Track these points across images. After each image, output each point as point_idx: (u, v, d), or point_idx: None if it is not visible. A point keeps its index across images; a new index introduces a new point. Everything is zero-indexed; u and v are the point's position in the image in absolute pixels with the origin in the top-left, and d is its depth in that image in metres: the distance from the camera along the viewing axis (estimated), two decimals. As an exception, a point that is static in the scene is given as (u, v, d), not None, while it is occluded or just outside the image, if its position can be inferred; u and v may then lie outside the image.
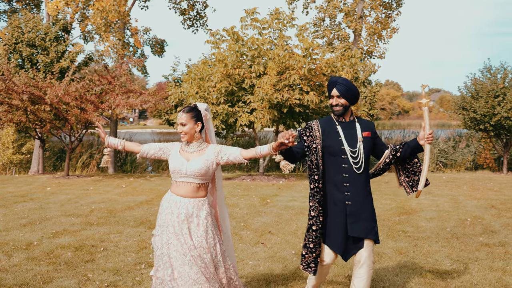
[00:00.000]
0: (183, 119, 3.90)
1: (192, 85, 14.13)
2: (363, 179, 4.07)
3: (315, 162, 4.06)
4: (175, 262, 3.74)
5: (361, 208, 4.03)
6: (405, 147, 4.16)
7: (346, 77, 13.65)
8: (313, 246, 4.05)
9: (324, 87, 14.16)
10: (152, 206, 9.73)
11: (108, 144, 4.11)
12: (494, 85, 17.47)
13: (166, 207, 3.93)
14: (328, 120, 4.20)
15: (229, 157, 3.96)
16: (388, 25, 21.77)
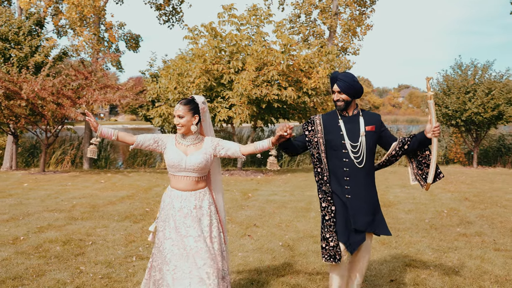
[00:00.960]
0: (180, 111, 3.86)
1: (170, 81, 14.15)
2: (364, 173, 4.06)
3: (316, 156, 4.10)
4: (172, 256, 3.72)
5: (361, 202, 4.02)
6: (413, 140, 4.10)
7: (323, 73, 13.92)
8: (330, 235, 4.04)
9: (301, 83, 14.35)
10: (134, 201, 9.75)
11: (101, 133, 3.87)
12: (465, 82, 17.95)
13: (168, 202, 3.91)
14: (331, 114, 4.20)
15: (227, 152, 3.96)
16: (362, 22, 22.10)
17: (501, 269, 5.46)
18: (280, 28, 15.02)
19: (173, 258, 3.73)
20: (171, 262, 3.73)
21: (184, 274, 3.66)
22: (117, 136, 3.90)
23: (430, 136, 4.01)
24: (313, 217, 8.27)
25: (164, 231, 3.85)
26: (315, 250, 6.18)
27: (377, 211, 4.11)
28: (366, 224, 4.02)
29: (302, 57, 14.16)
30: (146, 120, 18.27)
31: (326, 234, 4.06)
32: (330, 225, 4.03)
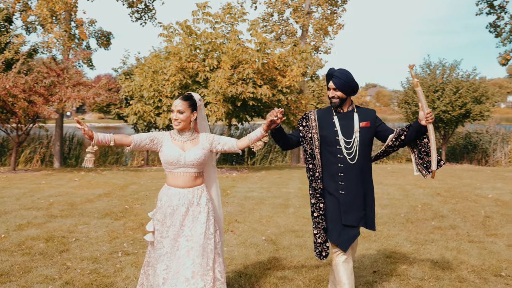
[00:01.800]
0: (180, 106, 3.83)
1: (145, 78, 14.10)
2: (358, 169, 4.06)
3: (309, 152, 4.12)
4: (165, 256, 3.74)
5: (354, 197, 4.04)
6: (409, 130, 4.04)
7: (297, 72, 14.10)
8: (317, 232, 4.10)
9: (276, 81, 14.50)
10: (112, 198, 9.73)
11: (97, 141, 3.72)
12: (433, 81, 18.42)
13: (165, 201, 3.85)
14: (326, 110, 4.21)
15: (223, 146, 3.98)
16: (334, 21, 22.38)
17: (477, 259, 5.71)
18: (255, 26, 15.13)
19: (166, 258, 3.75)
20: (163, 262, 3.75)
21: (173, 274, 3.70)
22: (114, 141, 3.78)
23: (424, 123, 3.93)
24: (292, 212, 8.42)
25: (162, 230, 3.82)
26: (298, 244, 6.33)
27: (368, 206, 4.13)
28: (358, 219, 4.04)
29: (276, 55, 14.31)
30: (119, 118, 18.14)
31: (314, 230, 4.14)
32: (319, 222, 4.10)
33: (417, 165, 4.21)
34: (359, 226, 4.08)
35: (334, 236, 4.02)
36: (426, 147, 4.10)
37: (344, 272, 3.99)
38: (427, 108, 3.93)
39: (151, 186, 11.61)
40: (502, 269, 5.36)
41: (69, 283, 4.87)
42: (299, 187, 11.52)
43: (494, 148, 21.40)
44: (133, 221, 7.64)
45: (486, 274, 5.20)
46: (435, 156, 4.01)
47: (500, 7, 23.73)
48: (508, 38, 23.32)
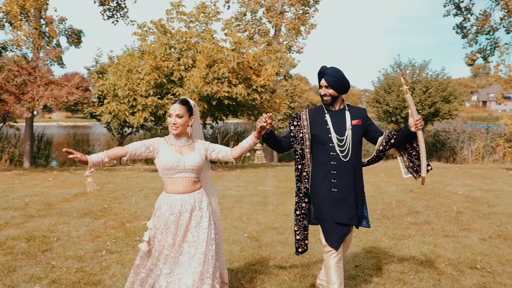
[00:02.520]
0: (179, 110, 3.79)
1: (120, 77, 14.02)
2: (350, 167, 4.09)
3: (299, 152, 4.14)
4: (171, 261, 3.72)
5: (346, 195, 4.07)
6: (398, 134, 4.11)
7: (271, 71, 14.23)
8: (297, 229, 4.19)
9: (251, 80, 14.59)
10: (89, 198, 9.67)
11: (92, 164, 3.67)
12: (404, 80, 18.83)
13: (165, 209, 3.78)
14: (317, 109, 4.23)
15: (218, 154, 3.97)
16: (306, 21, 22.61)
17: (452, 253, 5.93)
18: (229, 26, 15.20)
19: (169, 262, 3.73)
20: (166, 266, 3.74)
21: (176, 280, 3.70)
22: (109, 158, 3.74)
23: (413, 130, 3.98)
24: (271, 210, 8.54)
25: (162, 239, 3.76)
26: (280, 241, 6.45)
27: (360, 204, 4.18)
28: (351, 217, 4.07)
29: (251, 55, 14.41)
30: (92, 117, 17.95)
31: (295, 227, 4.25)
32: (300, 220, 4.21)
33: (407, 168, 4.25)
34: (351, 224, 4.12)
35: (326, 235, 4.06)
36: (417, 151, 4.14)
37: (335, 272, 4.07)
38: (417, 115, 3.97)
39: (127, 185, 11.58)
40: (477, 261, 5.58)
41: (56, 281, 4.88)
42: (275, 185, 11.65)
43: (462, 146, 21.97)
44: (113, 220, 7.64)
45: (462, 266, 5.41)
46: (425, 162, 4.06)
47: (466, 9, 24.31)
48: (474, 39, 23.92)
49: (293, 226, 4.31)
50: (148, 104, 13.68)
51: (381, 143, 4.16)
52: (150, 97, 13.69)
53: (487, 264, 5.49)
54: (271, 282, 4.89)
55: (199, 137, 4.11)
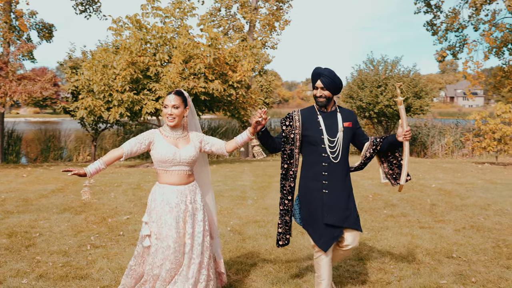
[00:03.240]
0: (175, 101, 3.77)
1: (95, 72, 13.92)
2: (340, 168, 4.10)
3: (288, 152, 4.13)
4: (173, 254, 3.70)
5: (337, 197, 4.08)
6: (384, 141, 4.19)
7: (247, 67, 14.33)
8: (280, 222, 4.24)
9: (227, 76, 14.66)
10: (67, 194, 9.62)
11: (90, 175, 3.72)
12: (377, 76, 19.16)
13: (161, 200, 3.79)
14: (310, 110, 4.22)
15: (211, 147, 3.97)
16: (280, 17, 22.75)
17: (429, 243, 6.14)
18: (205, 22, 15.24)
19: (173, 255, 3.71)
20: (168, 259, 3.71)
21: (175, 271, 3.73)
22: (105, 164, 3.77)
23: (401, 140, 4.08)
24: (251, 204, 8.66)
25: (161, 230, 3.74)
26: (263, 234, 6.57)
27: (351, 206, 4.17)
28: (342, 219, 4.06)
29: (227, 50, 14.47)
30: (65, 113, 17.75)
31: (278, 220, 4.29)
32: (282, 214, 4.24)
33: (386, 174, 4.34)
34: (343, 227, 4.09)
35: (315, 237, 4.09)
36: (397, 159, 4.25)
37: (324, 270, 4.16)
38: (407, 126, 4.08)
39: (104, 181, 11.53)
40: (453, 251, 5.80)
41: (43, 276, 4.89)
42: (253, 180, 11.77)
43: (432, 141, 22.45)
44: (94, 215, 7.64)
45: (439, 256, 5.63)
46: (406, 172, 4.15)
47: (436, 7, 24.85)
48: (444, 36, 24.48)
49: (275, 219, 4.35)
50: (124, 99, 13.62)
51: (368, 150, 4.22)
52: (126, 93, 13.64)
53: (463, 254, 5.71)
54: (257, 274, 5.00)
55: (195, 128, 4.09)
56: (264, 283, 4.74)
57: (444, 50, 24.24)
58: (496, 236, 6.48)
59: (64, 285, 4.64)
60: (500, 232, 6.69)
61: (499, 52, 23.95)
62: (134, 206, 8.38)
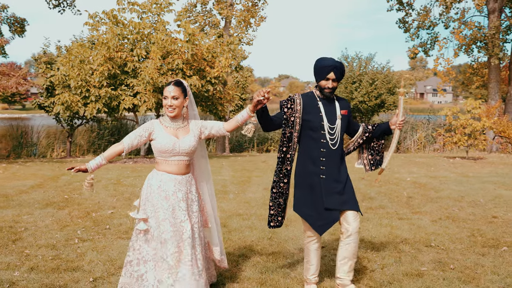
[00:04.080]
0: (175, 92, 3.78)
1: (72, 68, 13.83)
2: (338, 154, 4.22)
3: (287, 135, 4.19)
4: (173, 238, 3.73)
5: (335, 182, 4.19)
6: (376, 129, 4.42)
7: (225, 63, 14.43)
8: (272, 204, 4.32)
9: (205, 71, 14.73)
10: (47, 189, 9.59)
11: (92, 171, 3.79)
12: (351, 73, 19.47)
13: (158, 186, 3.82)
14: (310, 95, 4.28)
15: (211, 130, 4.00)
16: (256, 13, 22.88)
17: (408, 233, 6.38)
18: (182, 17, 15.27)
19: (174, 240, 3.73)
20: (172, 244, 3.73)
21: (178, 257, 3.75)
22: (106, 159, 3.84)
23: (393, 128, 4.32)
24: (232, 198, 8.79)
25: (157, 215, 3.78)
26: (247, 226, 6.72)
27: (349, 190, 4.31)
28: (340, 203, 4.19)
29: (205, 46, 14.55)
30: (40, 108, 17.53)
31: (270, 202, 4.37)
32: (275, 197, 4.30)
33: (362, 159, 4.59)
34: (341, 210, 4.22)
35: (311, 220, 4.20)
36: (381, 147, 4.48)
37: (314, 256, 4.33)
38: (403, 116, 4.34)
39: (83, 176, 11.46)
40: (431, 240, 6.05)
41: (34, 268, 4.94)
42: (232, 175, 11.90)
43: (405, 136, 22.92)
44: (78, 210, 7.67)
45: (419, 245, 5.86)
46: (390, 157, 4.45)
47: (408, 4, 25.32)
48: (415, 33, 24.96)
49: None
50: (102, 95, 13.59)
51: (361, 136, 4.45)
52: (103, 88, 13.60)
53: (440, 243, 5.96)
54: (245, 264, 5.15)
55: (195, 118, 4.15)
56: (253, 272, 4.89)
57: (416, 47, 24.74)
58: (471, 226, 6.76)
59: (57, 277, 4.71)
60: (474, 223, 6.98)
61: (468, 50, 24.56)
62: (116, 201, 8.42)
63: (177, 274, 3.73)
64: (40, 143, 22.96)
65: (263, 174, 11.85)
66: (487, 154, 18.53)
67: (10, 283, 4.53)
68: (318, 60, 4.28)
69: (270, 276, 4.77)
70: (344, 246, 4.25)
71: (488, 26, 22.87)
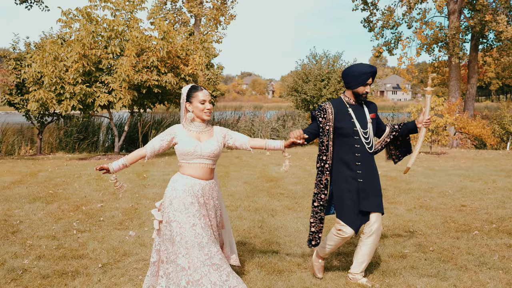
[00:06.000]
0: (209, 96, 3.93)
1: (46, 65, 13.82)
2: (372, 157, 4.37)
3: (325, 143, 4.32)
4: (207, 241, 3.73)
5: (371, 184, 4.33)
6: (403, 128, 4.57)
7: (199, 61, 14.70)
8: (313, 221, 4.40)
9: (179, 69, 14.94)
10: (29, 185, 9.66)
11: (113, 172, 3.89)
12: (320, 71, 20.01)
13: (183, 190, 3.82)
14: (339, 102, 4.42)
15: (235, 142, 4.09)
16: (226, 11, 23.17)
17: (388, 221, 6.86)
18: (154, 15, 15.44)
19: (207, 246, 3.72)
20: (203, 250, 3.71)
21: (210, 261, 3.72)
22: (129, 162, 3.92)
23: (420, 126, 4.49)
24: (215, 191, 9.10)
25: (188, 219, 3.77)
26: (236, 216, 7.05)
27: (380, 192, 4.44)
28: (376, 206, 4.34)
29: (179, 44, 14.76)
30: (9, 105, 17.35)
31: (311, 219, 4.45)
32: (317, 212, 4.39)
33: (390, 155, 4.84)
34: (375, 212, 4.37)
35: (348, 218, 4.31)
36: (406, 142, 4.72)
37: (336, 243, 4.46)
38: (429, 115, 4.52)
39: (62, 173, 11.57)
40: (409, 226, 6.54)
41: (41, 257, 5.16)
42: (210, 170, 12.16)
43: (370, 133, 23.63)
44: (67, 204, 7.84)
45: (399, 231, 6.33)
46: (415, 156, 4.62)
47: (373, 4, 26.09)
48: (380, 33, 25.75)
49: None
50: (77, 92, 13.64)
51: (388, 136, 4.62)
52: (78, 85, 13.65)
53: (418, 228, 6.45)
54: (242, 250, 5.49)
55: None
56: (251, 257, 5.24)
57: (381, 46, 25.54)
58: (443, 214, 7.29)
59: (66, 264, 4.95)
60: (445, 211, 7.51)
61: (429, 49, 25.50)
62: (103, 195, 8.61)
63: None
64: (4, 141, 22.65)
65: (240, 169, 12.19)
66: (448, 149, 19.36)
67: (23, 270, 4.75)
68: (354, 67, 4.37)
69: (268, 260, 5.13)
70: (364, 246, 4.43)
71: (448, 27, 23.81)
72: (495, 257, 5.23)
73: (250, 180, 10.18)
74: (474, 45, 24.59)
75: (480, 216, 7.12)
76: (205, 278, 3.63)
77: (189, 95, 3.95)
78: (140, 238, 5.93)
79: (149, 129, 22.69)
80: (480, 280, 4.59)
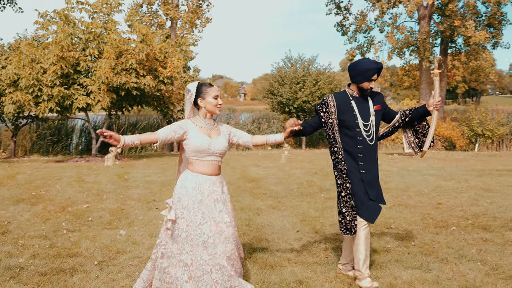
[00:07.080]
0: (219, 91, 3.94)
1: (24, 67, 13.73)
2: (374, 149, 4.47)
3: (332, 136, 4.46)
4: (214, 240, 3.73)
5: (373, 175, 4.46)
6: (414, 112, 4.61)
7: (177, 63, 14.82)
8: (346, 210, 4.44)
9: (157, 72, 15.02)
10: (9, 187, 9.63)
11: (124, 144, 3.61)
12: (295, 73, 20.31)
13: (193, 187, 3.82)
14: (343, 94, 4.51)
15: (239, 140, 4.14)
16: (202, 15, 23.28)
17: (369, 218, 7.10)
18: (132, 18, 15.48)
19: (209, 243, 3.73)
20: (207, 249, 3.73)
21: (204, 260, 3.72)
22: (141, 141, 3.71)
23: (431, 109, 4.52)
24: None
25: (191, 217, 3.78)
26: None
27: (379, 185, 4.59)
28: (377, 196, 4.49)
29: (158, 47, 14.85)
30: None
31: (343, 209, 4.49)
32: (346, 201, 4.46)
33: (410, 144, 4.82)
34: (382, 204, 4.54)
35: (362, 210, 4.43)
36: (424, 129, 4.73)
37: (364, 245, 4.49)
38: (438, 97, 4.54)
39: (41, 175, 11.53)
40: (391, 223, 6.80)
41: (36, 256, 5.24)
42: (190, 171, 12.27)
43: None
44: (52, 205, 7.87)
45: (381, 228, 6.59)
46: (431, 139, 4.64)
47: (346, 9, 26.57)
48: (353, 37, 26.23)
49: (339, 209, 4.54)
50: (54, 94, 13.59)
51: (398, 120, 4.67)
52: (56, 87, 13.61)
53: (399, 225, 6.72)
54: (232, 246, 5.65)
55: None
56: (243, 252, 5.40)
57: (354, 50, 26.02)
58: (421, 211, 7.58)
59: (62, 262, 5.04)
60: (423, 208, 7.82)
61: (400, 53, 26.10)
62: (87, 196, 8.66)
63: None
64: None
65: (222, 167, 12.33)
66: (420, 151, 19.88)
67: (20, 268, 4.83)
68: (360, 63, 4.47)
69: (259, 255, 5.32)
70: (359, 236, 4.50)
71: (419, 31, 24.43)
72: (473, 250, 5.53)
73: (231, 181, 10.34)
74: (443, 49, 25.27)
75: (456, 213, 7.44)
76: (206, 275, 3.69)
77: (202, 91, 3.94)
78: (131, 237, 6.04)
79: (125, 131, 22.66)
80: (460, 271, 4.86)
